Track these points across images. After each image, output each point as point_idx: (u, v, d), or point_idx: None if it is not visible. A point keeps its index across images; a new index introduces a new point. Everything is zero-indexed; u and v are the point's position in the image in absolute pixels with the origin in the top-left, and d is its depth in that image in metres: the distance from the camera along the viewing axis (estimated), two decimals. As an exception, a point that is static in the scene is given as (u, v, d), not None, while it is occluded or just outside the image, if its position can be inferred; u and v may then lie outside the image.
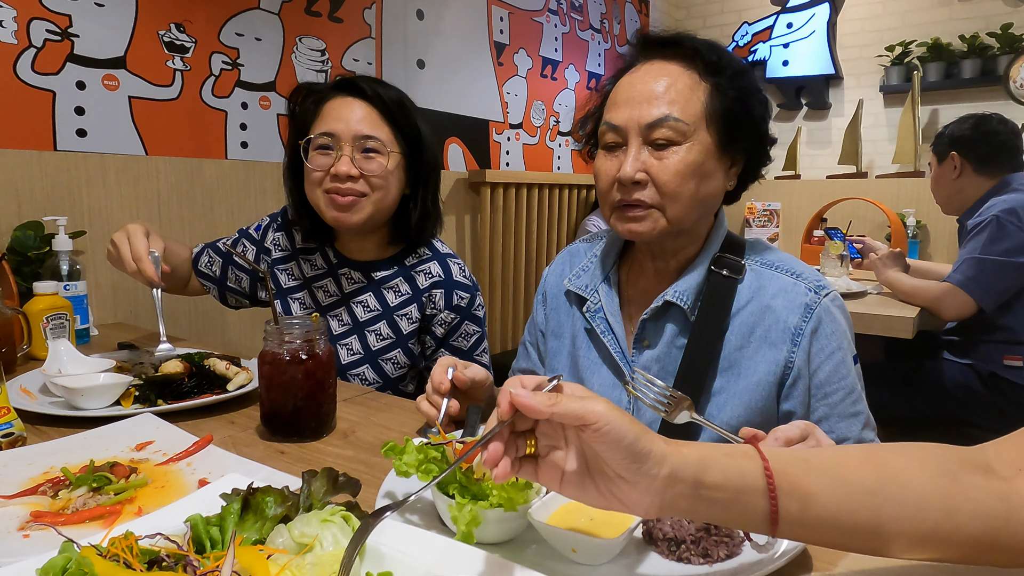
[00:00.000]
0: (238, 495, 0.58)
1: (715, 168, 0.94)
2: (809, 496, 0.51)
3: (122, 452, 0.85)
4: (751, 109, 0.94)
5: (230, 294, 1.48)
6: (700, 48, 0.94)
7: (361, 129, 1.22)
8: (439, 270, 1.32)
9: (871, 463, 0.53)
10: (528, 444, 0.53)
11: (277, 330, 0.91)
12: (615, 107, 0.95)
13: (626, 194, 0.93)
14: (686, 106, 0.91)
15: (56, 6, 1.62)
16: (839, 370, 0.92)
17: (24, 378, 1.12)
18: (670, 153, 0.91)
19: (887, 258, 2.35)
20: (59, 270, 1.45)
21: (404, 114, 1.27)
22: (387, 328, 1.31)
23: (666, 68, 0.93)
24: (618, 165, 0.93)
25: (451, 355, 1.25)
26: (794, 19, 3.94)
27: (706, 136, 0.92)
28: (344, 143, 1.21)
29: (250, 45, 2.02)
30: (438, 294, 1.30)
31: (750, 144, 0.97)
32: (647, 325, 0.99)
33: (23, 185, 1.58)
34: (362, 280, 1.34)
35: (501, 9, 2.96)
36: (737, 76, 0.93)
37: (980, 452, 0.56)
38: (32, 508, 0.69)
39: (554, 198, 3.25)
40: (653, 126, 0.90)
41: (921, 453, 0.55)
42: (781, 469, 0.51)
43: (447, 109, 2.75)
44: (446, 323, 1.31)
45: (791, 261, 0.99)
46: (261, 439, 0.93)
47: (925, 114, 3.57)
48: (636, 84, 0.94)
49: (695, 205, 0.93)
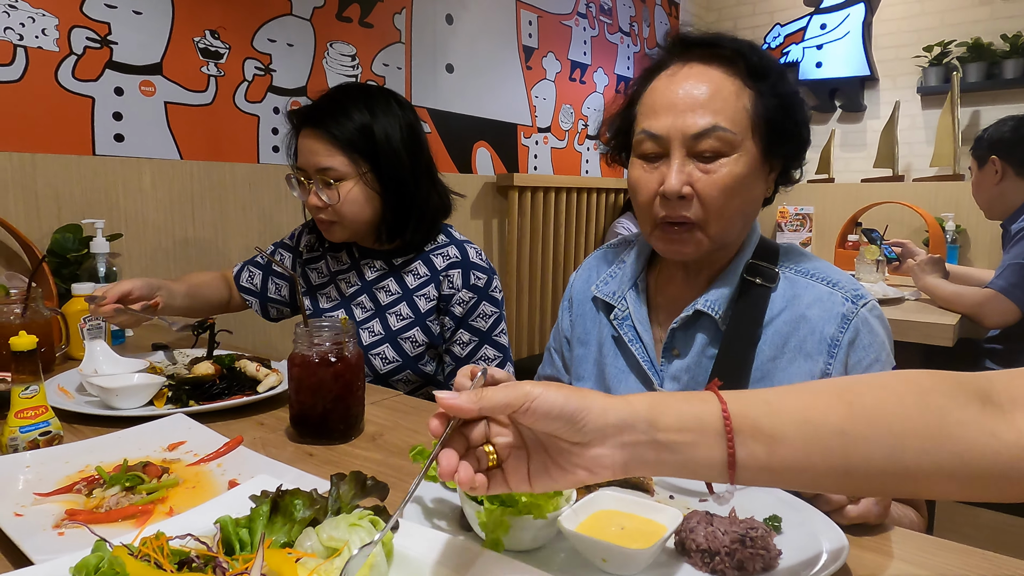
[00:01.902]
0: (267, 497, 0.58)
1: (757, 177, 0.90)
2: (773, 439, 0.49)
3: (154, 452, 0.86)
4: (795, 114, 0.90)
5: (271, 305, 1.55)
6: (742, 50, 0.89)
7: (319, 162, 1.27)
8: (456, 252, 1.36)
9: (842, 401, 0.50)
10: (488, 456, 0.52)
11: (307, 332, 0.92)
12: (653, 114, 0.89)
13: (671, 210, 0.88)
14: (733, 114, 0.86)
15: (96, 14, 1.66)
16: None
17: (62, 377, 1.14)
18: (718, 166, 0.86)
19: (926, 263, 2.29)
20: (96, 272, 1.48)
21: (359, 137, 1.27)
22: (407, 308, 1.35)
23: (707, 72, 0.88)
24: (660, 178, 0.88)
25: (470, 335, 1.34)
26: (828, 20, 3.87)
27: (752, 145, 0.87)
28: (312, 175, 1.29)
29: (282, 51, 2.05)
30: (455, 274, 1.34)
31: (791, 149, 0.93)
32: (677, 334, 0.96)
33: (63, 189, 1.62)
34: (384, 267, 1.40)
35: (530, 13, 2.96)
36: (780, 80, 0.89)
37: (985, 380, 0.52)
38: (67, 506, 0.70)
39: (582, 202, 3.23)
40: (699, 136, 0.85)
41: (901, 386, 0.51)
42: (740, 412, 0.50)
43: (475, 113, 2.76)
44: (464, 302, 1.34)
45: (827, 269, 0.94)
46: (290, 441, 0.94)
47: (965, 116, 3.48)
48: (676, 89, 0.88)
49: (739, 219, 0.90)
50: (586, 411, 0.49)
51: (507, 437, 0.53)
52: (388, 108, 1.31)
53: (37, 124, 1.58)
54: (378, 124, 1.28)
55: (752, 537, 0.60)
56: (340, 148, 1.27)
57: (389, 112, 1.30)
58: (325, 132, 1.26)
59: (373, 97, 1.31)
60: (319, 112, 1.28)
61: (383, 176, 1.29)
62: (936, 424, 0.49)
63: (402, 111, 1.33)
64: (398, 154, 1.29)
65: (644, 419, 0.49)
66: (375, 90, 1.34)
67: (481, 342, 1.36)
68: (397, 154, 1.29)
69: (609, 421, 0.49)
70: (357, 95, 1.31)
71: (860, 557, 0.64)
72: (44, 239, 1.56)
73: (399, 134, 1.30)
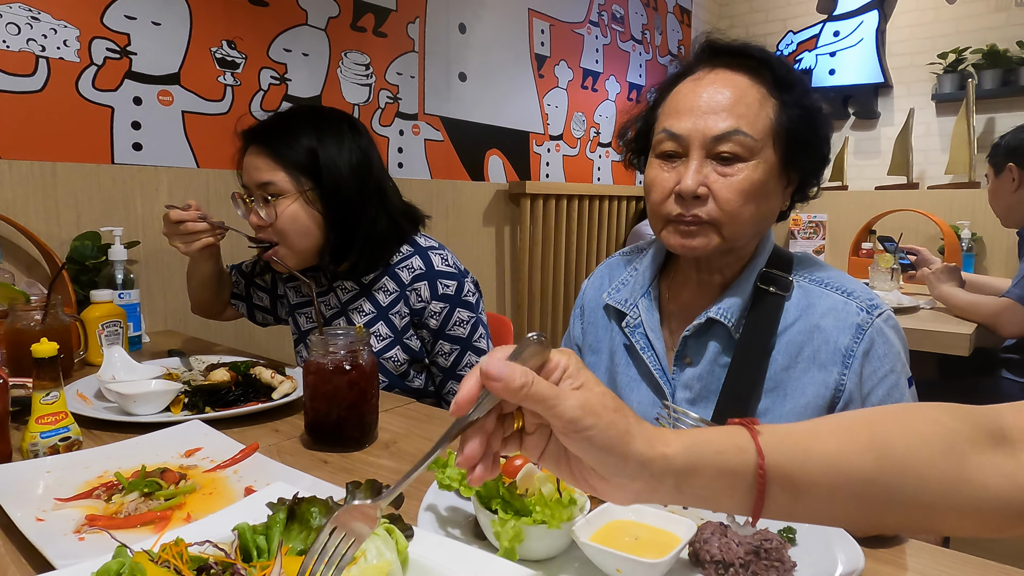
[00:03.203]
0: (284, 504, 0.59)
1: (775, 188, 0.91)
2: (802, 491, 0.49)
3: (172, 458, 0.87)
4: (817, 128, 0.91)
5: (257, 311, 1.59)
6: (770, 60, 0.90)
7: (259, 177, 1.25)
8: (420, 263, 1.33)
9: (873, 449, 0.50)
10: (515, 420, 0.50)
11: (322, 341, 0.93)
12: (676, 115, 0.90)
13: (684, 208, 0.88)
14: (755, 121, 0.87)
15: (116, 25, 1.68)
16: (892, 394, 0.88)
17: (80, 383, 1.16)
18: (735, 170, 0.87)
19: (941, 272, 2.27)
20: (114, 279, 1.50)
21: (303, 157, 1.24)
22: (385, 328, 1.34)
23: (733, 79, 0.89)
24: (676, 177, 0.89)
25: (451, 344, 1.32)
26: (841, 27, 3.86)
27: (771, 154, 0.88)
28: (253, 192, 1.27)
29: (297, 60, 2.07)
30: (422, 287, 1.31)
31: (809, 164, 0.93)
32: (689, 342, 0.96)
33: (82, 197, 1.64)
34: (355, 287, 1.38)
35: (542, 22, 2.97)
36: (805, 93, 0.90)
37: (996, 416, 0.53)
38: (87, 511, 0.71)
39: (594, 209, 3.24)
40: (720, 139, 0.86)
41: (928, 428, 0.52)
42: (775, 463, 0.49)
43: (488, 121, 2.77)
44: (437, 314, 1.32)
45: (842, 278, 0.94)
46: (305, 448, 0.94)
47: (980, 123, 3.45)
48: (701, 92, 0.89)
49: (752, 225, 0.90)
50: (623, 465, 0.46)
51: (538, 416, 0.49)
52: (339, 132, 1.29)
53: (58, 133, 1.61)
54: (324, 148, 1.26)
55: (766, 549, 0.60)
56: (282, 165, 1.24)
57: (339, 136, 1.28)
58: (268, 148, 1.25)
59: (324, 120, 1.30)
60: (267, 130, 1.28)
61: (326, 197, 1.26)
62: (957, 469, 0.50)
63: (354, 135, 1.30)
64: (343, 177, 1.26)
65: (674, 478, 0.48)
66: (328, 113, 1.33)
67: (463, 350, 1.35)
68: (342, 177, 1.26)
69: (640, 476, 0.47)
70: (308, 118, 1.30)
71: (876, 570, 0.63)
72: (64, 246, 1.59)
73: (347, 157, 1.27)
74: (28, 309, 1.19)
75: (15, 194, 1.54)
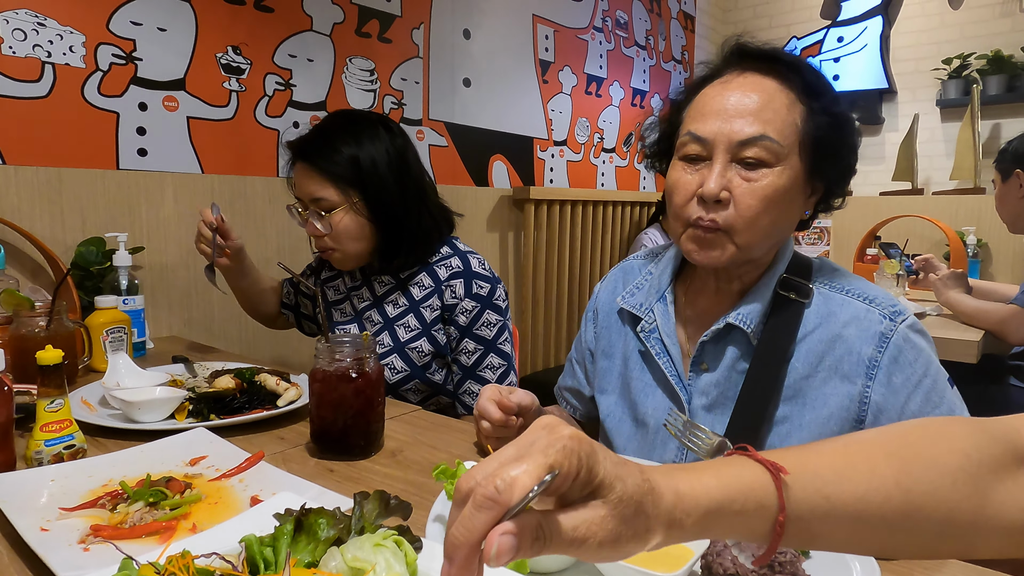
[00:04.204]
0: (291, 516, 0.58)
1: (797, 195, 0.89)
2: (819, 536, 0.47)
3: (177, 466, 0.86)
4: (845, 137, 0.89)
5: (304, 321, 1.66)
6: (800, 66, 0.89)
7: (311, 193, 1.34)
8: (459, 263, 1.39)
9: (899, 489, 0.48)
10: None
11: (328, 348, 0.92)
12: (702, 117, 0.88)
13: (706, 211, 0.87)
14: (782, 127, 0.85)
15: (122, 31, 1.69)
16: (931, 397, 0.86)
17: (85, 390, 1.15)
18: (760, 175, 0.85)
19: (948, 278, 2.25)
20: (119, 285, 1.50)
21: (347, 169, 1.32)
22: (414, 320, 1.39)
23: (762, 83, 0.87)
24: (700, 180, 0.87)
25: (475, 343, 1.37)
26: (845, 33, 3.86)
27: (797, 161, 0.86)
28: (308, 205, 1.36)
29: (302, 66, 2.07)
30: (458, 284, 1.37)
31: (835, 174, 0.92)
32: (707, 347, 0.94)
33: (87, 202, 1.64)
34: (391, 281, 1.45)
35: (546, 27, 2.98)
36: (834, 101, 0.88)
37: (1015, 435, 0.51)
38: (92, 521, 0.70)
39: (598, 215, 3.23)
40: (746, 144, 0.84)
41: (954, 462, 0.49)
42: (797, 516, 0.45)
43: (492, 126, 2.77)
44: (468, 312, 1.37)
45: (864, 285, 0.92)
46: (310, 456, 0.94)
47: (986, 129, 3.44)
48: (729, 96, 0.87)
49: (771, 233, 0.89)
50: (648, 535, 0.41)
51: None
52: (375, 135, 1.35)
53: (63, 139, 1.61)
54: (364, 152, 1.33)
55: (780, 563, 0.59)
56: (330, 180, 1.32)
57: (376, 139, 1.35)
58: (314, 166, 1.33)
59: (360, 125, 1.36)
60: (309, 146, 1.35)
61: (372, 203, 1.34)
62: (979, 511, 0.49)
63: (390, 136, 1.37)
64: (385, 181, 1.34)
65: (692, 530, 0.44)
66: (362, 118, 1.39)
67: (487, 351, 1.38)
68: (384, 181, 1.34)
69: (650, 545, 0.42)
70: (344, 125, 1.36)
71: (891, 583, 0.62)
72: (68, 252, 1.59)
73: (386, 159, 1.34)
74: (33, 315, 1.19)
75: (20, 199, 1.54)
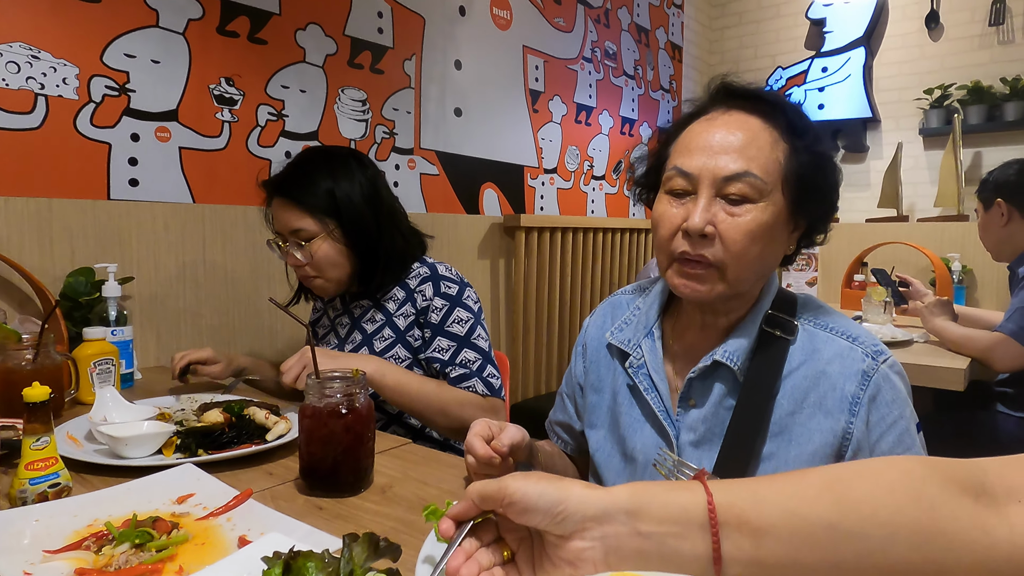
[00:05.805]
0: (279, 559, 0.58)
1: (781, 231, 0.91)
2: (760, 532, 0.48)
3: (163, 505, 0.85)
4: (826, 176, 0.92)
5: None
6: (784, 106, 0.92)
7: (290, 224, 1.41)
8: (426, 270, 1.48)
9: (831, 493, 0.49)
10: (503, 552, 0.55)
11: (318, 384, 0.92)
12: (687, 153, 0.90)
13: (691, 246, 0.88)
14: (766, 164, 0.87)
15: (116, 63, 1.70)
16: (903, 439, 0.88)
17: (71, 424, 1.14)
18: (743, 211, 0.87)
19: (934, 306, 2.28)
20: (107, 315, 1.49)
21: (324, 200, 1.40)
22: (389, 330, 1.47)
23: (747, 121, 0.90)
24: (684, 214, 0.89)
25: (448, 341, 1.40)
26: (829, 63, 3.94)
27: (780, 198, 0.88)
28: (287, 238, 1.44)
29: (295, 96, 2.09)
30: (427, 287, 1.45)
31: (818, 212, 0.94)
32: (694, 384, 0.95)
33: (77, 232, 1.64)
34: (368, 303, 1.53)
35: (536, 58, 3.02)
36: (816, 141, 0.91)
37: (978, 469, 0.50)
38: (76, 564, 0.69)
39: (588, 242, 3.25)
40: (730, 179, 0.86)
41: (892, 475, 0.50)
42: (726, 502, 0.49)
43: (483, 155, 2.80)
44: (439, 309, 1.44)
45: (846, 323, 0.94)
46: (299, 493, 0.93)
47: (968, 157, 3.51)
48: (714, 133, 0.89)
49: (757, 268, 0.90)
50: (564, 502, 0.50)
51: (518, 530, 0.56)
52: (348, 169, 1.44)
53: (54, 169, 1.61)
54: (339, 187, 1.42)
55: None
56: (307, 211, 1.40)
57: (349, 172, 1.44)
58: (292, 199, 1.41)
59: (334, 159, 1.45)
60: (286, 182, 1.43)
61: (348, 230, 1.42)
62: (928, 519, 0.47)
63: (362, 169, 1.47)
64: (359, 208, 1.43)
65: (624, 509, 0.49)
66: (335, 153, 1.49)
67: (460, 346, 1.42)
68: (359, 208, 1.43)
69: (588, 513, 0.49)
70: (319, 161, 1.45)
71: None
72: (57, 282, 1.58)
73: (359, 191, 1.44)
74: (19, 348, 1.18)
75: (9, 230, 1.53)
